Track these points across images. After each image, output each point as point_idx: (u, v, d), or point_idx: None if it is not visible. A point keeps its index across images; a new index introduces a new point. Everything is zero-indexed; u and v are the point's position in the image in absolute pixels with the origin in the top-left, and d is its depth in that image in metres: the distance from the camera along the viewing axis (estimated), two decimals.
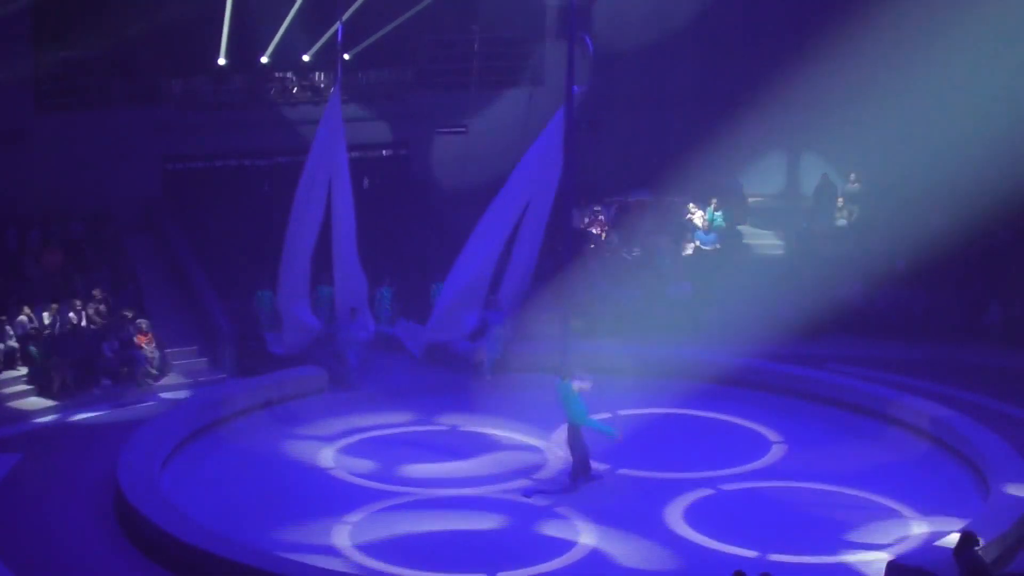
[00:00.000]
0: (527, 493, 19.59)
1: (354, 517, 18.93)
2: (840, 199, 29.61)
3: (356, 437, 21.94)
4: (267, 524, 18.70)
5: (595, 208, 29.91)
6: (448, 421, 22.75)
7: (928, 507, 19.04)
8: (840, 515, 18.88)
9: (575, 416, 19.70)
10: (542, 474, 20.35)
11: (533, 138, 29.05)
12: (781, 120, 29.10)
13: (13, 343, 24.36)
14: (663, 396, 22.92)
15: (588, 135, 29.95)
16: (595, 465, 20.03)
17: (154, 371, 24.87)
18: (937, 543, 16.49)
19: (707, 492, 19.75)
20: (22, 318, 24.68)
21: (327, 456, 21.22)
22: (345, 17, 24.12)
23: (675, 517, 18.81)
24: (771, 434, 21.91)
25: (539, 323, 23.92)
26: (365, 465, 20.84)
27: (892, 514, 18.91)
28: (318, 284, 25.04)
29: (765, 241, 29.99)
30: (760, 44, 30.14)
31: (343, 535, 18.36)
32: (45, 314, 24.85)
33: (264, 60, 28.49)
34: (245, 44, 28.49)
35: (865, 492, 19.61)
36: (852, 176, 29.77)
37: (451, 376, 24.13)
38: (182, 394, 24.03)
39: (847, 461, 20.78)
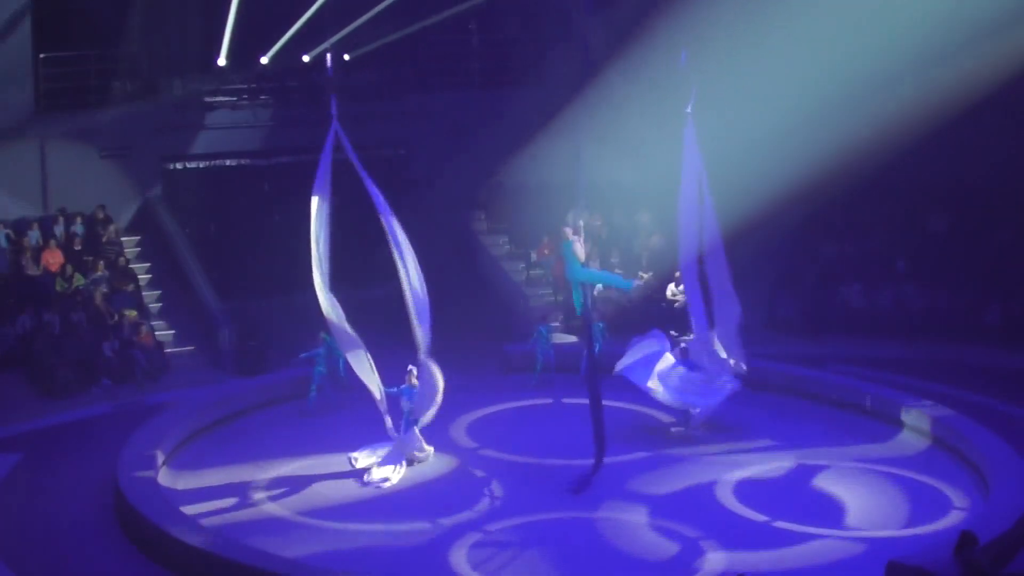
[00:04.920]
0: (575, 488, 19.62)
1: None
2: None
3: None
4: (266, 523, 18.71)
5: None
6: None
7: (928, 507, 19.03)
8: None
9: (573, 272, 20.25)
10: None
11: (532, 138, 29.17)
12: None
13: (13, 343, 24.39)
14: None
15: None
16: None
17: (154, 371, 24.88)
18: (937, 543, 16.48)
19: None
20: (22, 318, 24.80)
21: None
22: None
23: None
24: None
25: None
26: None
27: (893, 513, 18.94)
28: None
29: None
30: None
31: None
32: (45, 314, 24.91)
33: (264, 61, 28.50)
34: (245, 44, 28.49)
35: (864, 490, 19.62)
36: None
37: None
38: (182, 394, 24.00)
39: (848, 460, 20.79)
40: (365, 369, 20.63)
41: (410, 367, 20.74)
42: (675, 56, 21.06)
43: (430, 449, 20.89)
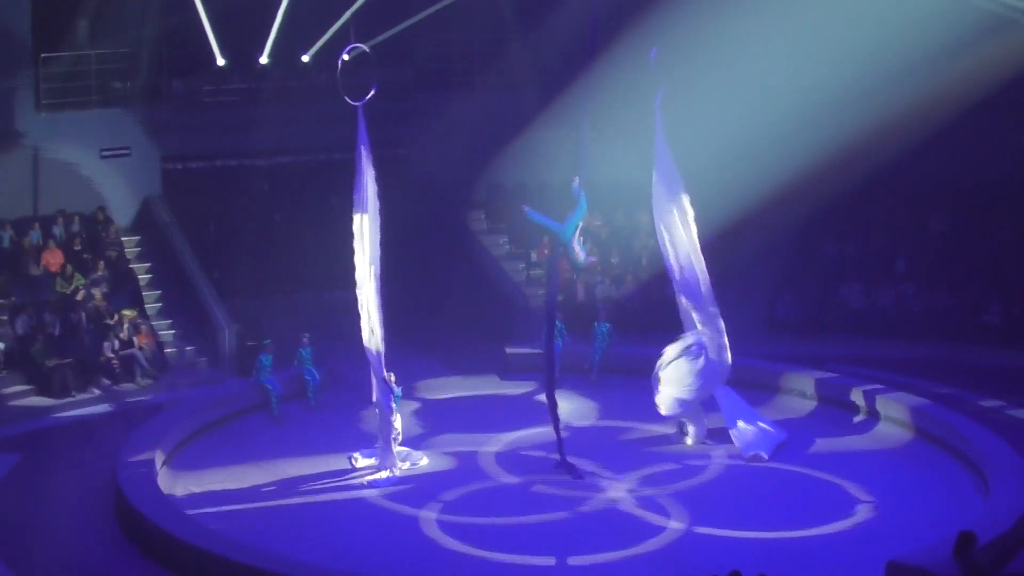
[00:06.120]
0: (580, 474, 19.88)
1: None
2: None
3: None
4: (266, 522, 18.70)
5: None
6: None
7: (928, 507, 19.02)
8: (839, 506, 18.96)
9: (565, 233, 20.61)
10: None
11: (530, 138, 29.15)
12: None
13: (13, 343, 24.39)
14: None
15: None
16: None
17: (154, 371, 24.88)
18: (937, 543, 16.47)
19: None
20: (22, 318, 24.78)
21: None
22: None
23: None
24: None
25: None
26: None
27: (893, 511, 18.92)
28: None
29: None
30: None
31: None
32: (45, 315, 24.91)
33: (263, 60, 28.47)
34: (245, 44, 28.47)
35: (865, 491, 19.61)
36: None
37: None
38: (182, 394, 24.00)
39: (848, 460, 20.78)
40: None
41: (390, 372, 20.76)
42: (648, 53, 20.80)
43: (424, 460, 20.90)
